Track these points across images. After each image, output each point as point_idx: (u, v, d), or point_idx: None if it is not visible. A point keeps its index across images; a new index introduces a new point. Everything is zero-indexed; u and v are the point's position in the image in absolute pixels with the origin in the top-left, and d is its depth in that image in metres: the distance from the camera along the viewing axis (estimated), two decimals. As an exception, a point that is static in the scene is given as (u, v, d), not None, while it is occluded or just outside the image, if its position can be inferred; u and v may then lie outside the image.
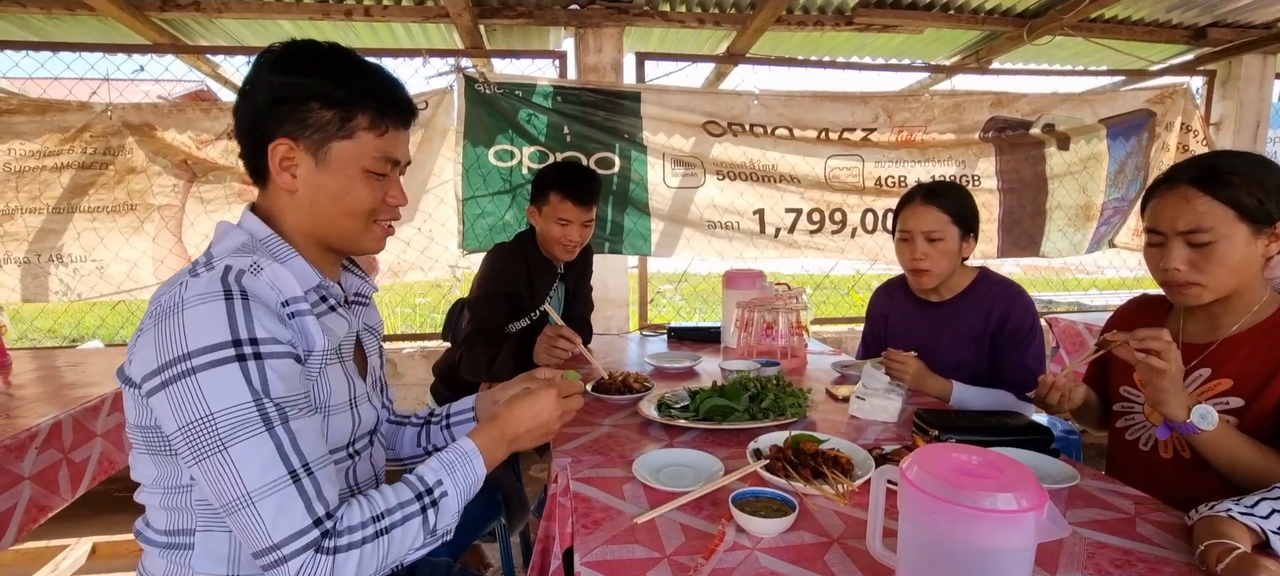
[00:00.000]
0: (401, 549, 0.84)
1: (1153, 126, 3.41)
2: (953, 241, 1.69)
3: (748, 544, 0.92)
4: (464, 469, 0.92)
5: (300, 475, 0.77)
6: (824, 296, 6.11)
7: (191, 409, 0.75)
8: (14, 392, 1.84)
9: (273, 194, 0.92)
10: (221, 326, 0.76)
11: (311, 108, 0.87)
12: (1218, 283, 1.14)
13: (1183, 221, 1.14)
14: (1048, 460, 1.16)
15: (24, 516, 1.45)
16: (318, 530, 0.77)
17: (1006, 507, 0.68)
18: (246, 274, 0.80)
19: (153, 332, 0.78)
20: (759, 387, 1.49)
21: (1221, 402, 1.16)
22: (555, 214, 1.98)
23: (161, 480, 0.88)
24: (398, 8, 2.89)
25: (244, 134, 0.91)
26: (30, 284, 2.85)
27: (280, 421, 0.77)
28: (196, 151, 2.85)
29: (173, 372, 0.75)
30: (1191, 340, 1.25)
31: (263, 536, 0.75)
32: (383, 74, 0.92)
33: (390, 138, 0.92)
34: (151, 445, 0.87)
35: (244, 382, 0.76)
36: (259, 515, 0.75)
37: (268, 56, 0.88)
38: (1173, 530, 0.96)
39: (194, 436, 0.75)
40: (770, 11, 2.76)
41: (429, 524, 0.86)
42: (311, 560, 0.76)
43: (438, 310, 6.80)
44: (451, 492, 0.89)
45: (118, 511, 2.79)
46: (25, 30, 3.03)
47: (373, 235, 0.97)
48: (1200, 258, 1.14)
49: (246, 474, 0.74)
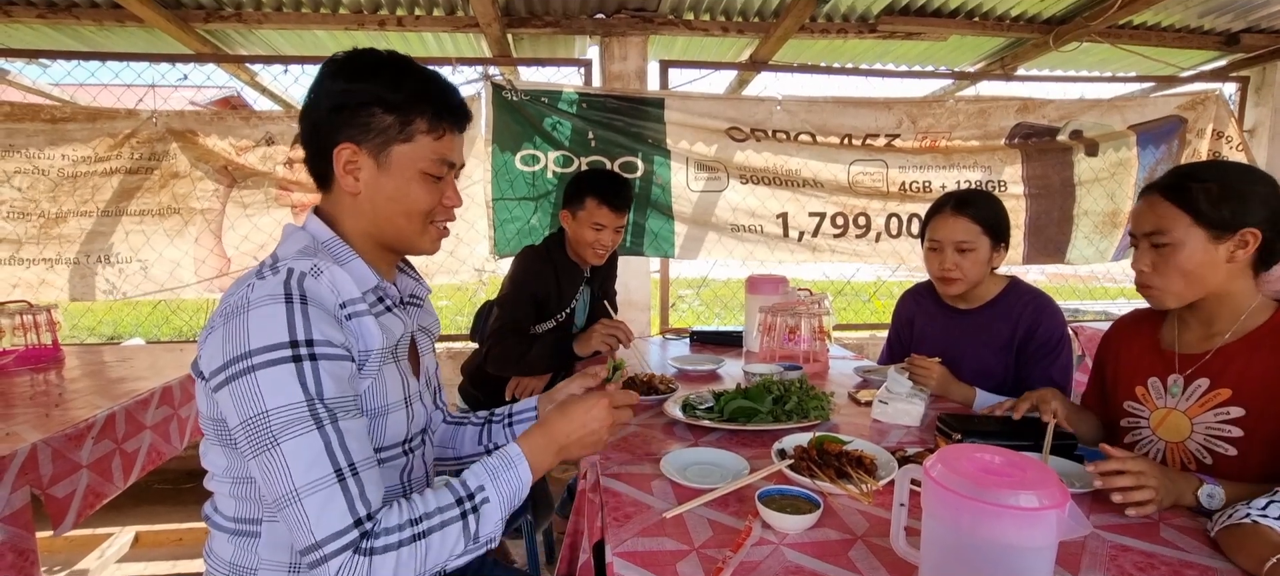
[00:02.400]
0: (441, 554, 0.83)
1: (1183, 133, 3.36)
2: (983, 251, 1.68)
3: (773, 539, 0.95)
4: (508, 475, 0.90)
5: (345, 474, 0.80)
6: (845, 302, 6.09)
7: (250, 405, 0.79)
8: (67, 386, 1.93)
9: (336, 197, 0.97)
10: (281, 328, 0.80)
11: (373, 112, 0.91)
12: (1172, 286, 1.18)
13: (1146, 224, 1.21)
14: (1071, 464, 1.17)
15: (82, 502, 1.53)
16: (357, 530, 0.78)
17: (1028, 504, 0.71)
18: (307, 277, 0.85)
19: (221, 331, 0.83)
20: (782, 390, 1.52)
21: (1222, 412, 1.17)
22: (591, 218, 2.03)
23: (230, 470, 0.93)
24: (429, 18, 2.97)
25: (309, 141, 0.95)
26: (78, 283, 2.98)
27: (330, 421, 0.80)
28: (236, 157, 2.96)
29: (236, 370, 0.80)
30: (1187, 350, 1.25)
31: (307, 533, 0.78)
32: (439, 80, 0.96)
33: (446, 141, 0.96)
34: (221, 437, 0.92)
35: (298, 383, 0.79)
36: (304, 511, 0.77)
37: (330, 66, 0.93)
38: (1196, 534, 0.97)
39: (251, 432, 0.79)
40: (793, 19, 2.79)
41: (470, 530, 0.85)
42: (350, 561, 0.77)
43: (461, 313, 6.90)
44: (494, 499, 0.88)
45: (159, 502, 2.90)
46: (78, 41, 3.18)
47: (429, 236, 1.01)
48: (1160, 260, 1.19)
49: (295, 469, 0.78)
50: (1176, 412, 1.23)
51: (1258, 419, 1.13)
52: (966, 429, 1.25)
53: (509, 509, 0.90)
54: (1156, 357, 1.29)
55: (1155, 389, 1.28)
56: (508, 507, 0.89)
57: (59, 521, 1.46)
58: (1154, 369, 1.29)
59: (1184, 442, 1.22)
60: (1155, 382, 1.28)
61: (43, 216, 2.89)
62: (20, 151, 2.84)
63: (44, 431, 1.47)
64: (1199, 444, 1.20)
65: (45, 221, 2.90)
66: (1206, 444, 1.19)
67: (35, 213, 2.88)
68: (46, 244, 2.92)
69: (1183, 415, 1.22)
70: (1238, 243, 1.14)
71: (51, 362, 2.20)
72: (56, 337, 2.27)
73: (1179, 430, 1.22)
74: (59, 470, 1.46)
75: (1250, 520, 0.88)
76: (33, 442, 1.40)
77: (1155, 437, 1.27)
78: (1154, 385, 1.28)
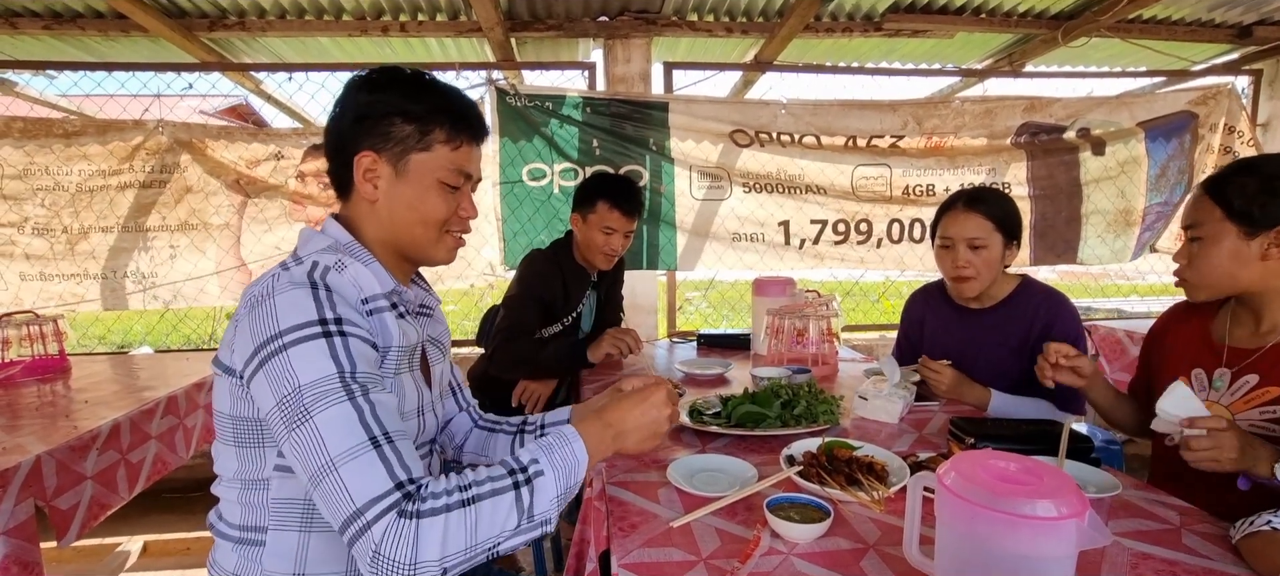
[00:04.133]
0: (492, 525, 0.79)
1: (1195, 128, 3.31)
2: (996, 248, 1.66)
3: (783, 549, 0.93)
4: (563, 451, 0.86)
5: (381, 442, 0.78)
6: (853, 304, 6.05)
7: (284, 383, 0.79)
8: (75, 396, 1.94)
9: (354, 204, 0.99)
10: (309, 308, 0.83)
11: (393, 121, 0.94)
12: (1203, 279, 1.18)
13: (1185, 217, 1.22)
14: (1088, 469, 1.14)
15: (86, 513, 1.53)
16: (399, 492, 0.76)
17: (1046, 514, 0.68)
18: (331, 271, 0.88)
19: (248, 321, 0.84)
20: (791, 394, 1.50)
21: (1269, 410, 1.14)
22: (601, 222, 2.02)
23: (242, 472, 0.92)
24: (433, 23, 2.97)
25: (332, 150, 0.98)
26: (109, 297, 2.98)
27: (361, 393, 0.80)
28: (247, 171, 2.97)
29: (267, 351, 0.81)
30: (1237, 344, 1.23)
31: (346, 503, 0.75)
32: (458, 94, 0.99)
33: (464, 152, 0.98)
34: (241, 436, 0.91)
35: (329, 356, 0.81)
36: (341, 481, 0.75)
37: (355, 80, 0.97)
38: (1219, 541, 0.94)
39: (286, 409, 0.79)
40: (798, 19, 2.77)
41: (523, 503, 0.81)
42: (395, 524, 0.74)
43: (468, 318, 6.90)
44: (549, 473, 0.83)
45: (167, 511, 2.90)
46: (84, 51, 3.20)
47: (444, 245, 1.02)
48: (1195, 253, 1.19)
49: (330, 440, 0.77)
50: (1218, 406, 1.21)
51: None
52: (980, 433, 1.22)
53: (565, 487, 0.85)
54: (1205, 349, 1.28)
55: (1198, 380, 1.26)
56: (564, 484, 0.85)
57: (63, 533, 1.45)
58: (1200, 359, 1.27)
59: None
60: (1199, 374, 1.27)
61: (67, 232, 2.91)
62: (40, 166, 2.86)
63: (48, 443, 1.46)
64: None
65: (70, 237, 2.92)
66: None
67: (58, 227, 2.90)
68: (75, 259, 2.93)
69: (1226, 410, 1.20)
70: (1272, 239, 1.12)
71: (58, 373, 2.21)
72: (63, 347, 2.27)
73: None
74: (63, 481, 1.45)
75: (1270, 527, 0.85)
76: (37, 454, 1.39)
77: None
78: (1197, 376, 1.27)
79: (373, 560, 0.74)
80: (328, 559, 0.94)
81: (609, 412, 0.94)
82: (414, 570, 0.74)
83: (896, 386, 1.53)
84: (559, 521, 2.31)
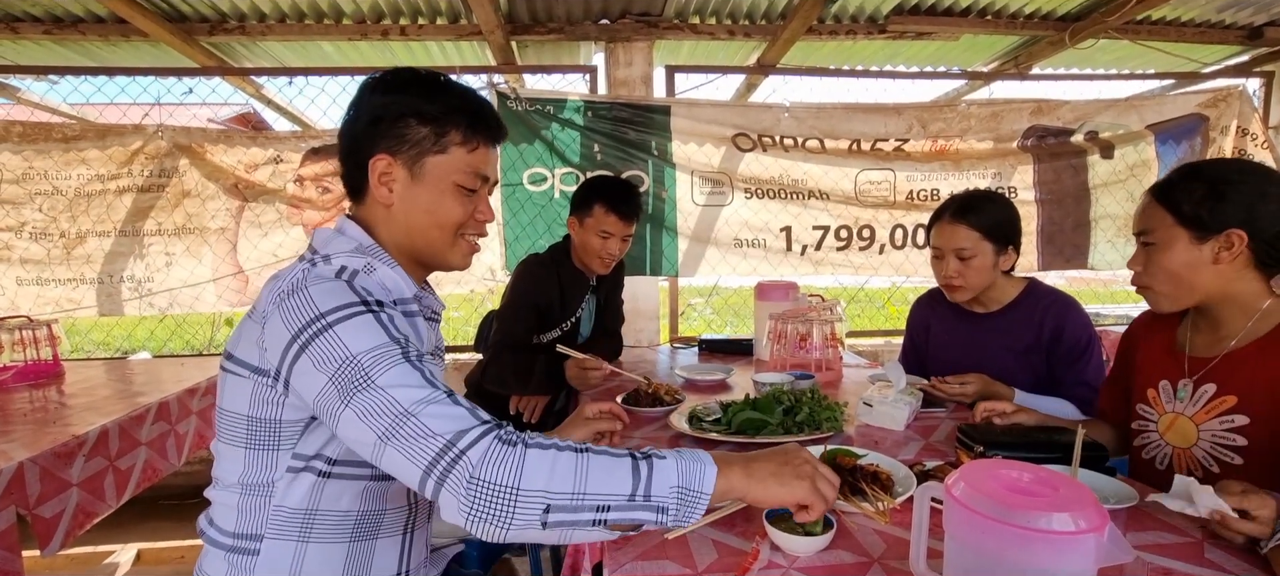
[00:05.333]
0: (604, 481, 0.74)
1: (1206, 131, 3.26)
2: (985, 256, 1.64)
3: (783, 563, 0.89)
4: (691, 454, 0.82)
5: (454, 396, 0.77)
6: (859, 309, 6.00)
7: (335, 357, 0.77)
8: (66, 401, 1.91)
9: (368, 209, 0.97)
10: (348, 293, 0.83)
11: (408, 123, 0.93)
12: (1161, 287, 1.17)
13: (1136, 223, 1.21)
14: (1103, 479, 1.10)
15: (71, 521, 1.49)
16: (491, 424, 0.74)
17: (1063, 528, 0.64)
18: (360, 274, 0.87)
19: (278, 312, 0.82)
20: (793, 401, 1.45)
21: (1227, 420, 1.12)
22: (598, 226, 1.99)
23: (245, 476, 0.89)
24: (433, 27, 2.95)
25: (347, 154, 0.97)
26: (105, 302, 2.96)
27: (417, 359, 0.79)
28: (245, 175, 2.95)
29: (310, 332, 0.79)
30: (1197, 353, 1.20)
31: (432, 440, 0.71)
32: (474, 95, 0.97)
33: (480, 154, 0.97)
34: (254, 437, 0.88)
35: (380, 327, 0.80)
36: (422, 423, 0.72)
37: (369, 82, 0.96)
38: (1245, 553, 0.89)
39: (342, 381, 0.76)
40: (801, 21, 2.73)
41: (640, 474, 0.76)
42: (497, 448, 0.71)
43: (469, 323, 6.88)
44: (671, 459, 0.79)
45: (163, 518, 2.87)
46: (85, 56, 3.20)
47: (460, 249, 1.01)
48: (1148, 259, 1.18)
49: (400, 394, 0.75)
50: (1183, 418, 1.19)
51: (1262, 427, 1.07)
52: (989, 441, 1.18)
53: (686, 482, 0.78)
54: (1170, 360, 1.25)
55: (1165, 392, 1.24)
56: (685, 478, 0.78)
57: (46, 542, 1.42)
58: (1166, 371, 1.25)
59: (1191, 449, 1.17)
60: (1166, 386, 1.24)
61: (64, 236, 2.89)
62: (38, 171, 2.85)
63: (33, 449, 1.43)
64: (1205, 452, 1.15)
65: (67, 241, 2.90)
66: (1212, 452, 1.14)
67: (56, 232, 2.88)
68: (71, 264, 2.91)
69: (1189, 421, 1.18)
70: (1222, 243, 1.10)
71: (51, 378, 2.18)
72: (57, 353, 2.25)
73: (1186, 436, 1.18)
74: (47, 489, 1.42)
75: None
76: (19, 461, 1.36)
77: (1163, 442, 1.23)
78: (1164, 388, 1.24)
79: (469, 487, 0.69)
80: (323, 573, 0.91)
81: (749, 459, 0.86)
82: (516, 495, 0.70)
83: (902, 392, 1.48)
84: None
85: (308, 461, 0.90)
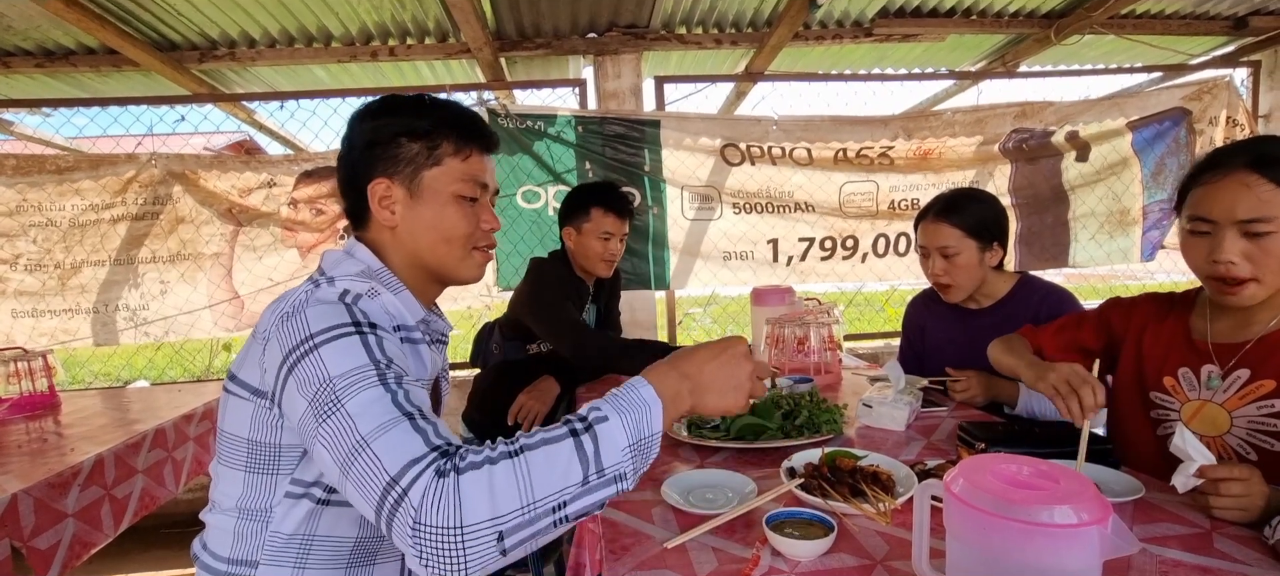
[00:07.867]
0: (550, 479, 0.67)
1: (1190, 123, 3.27)
2: (970, 254, 1.66)
3: (784, 567, 0.87)
4: (628, 397, 0.74)
5: (416, 417, 0.72)
6: (857, 312, 5.98)
7: (315, 380, 0.76)
8: (62, 431, 1.89)
9: (373, 233, 0.98)
10: (343, 315, 0.82)
11: (401, 143, 0.94)
12: (1274, 279, 1.05)
13: (1242, 209, 1.03)
14: (1108, 471, 1.08)
15: (68, 553, 1.47)
16: (436, 453, 0.68)
17: (1065, 521, 0.63)
18: (363, 298, 0.87)
19: (277, 334, 0.82)
20: (792, 404, 1.44)
21: (1266, 405, 1.09)
22: (598, 228, 1.99)
23: (243, 500, 0.89)
24: (421, 46, 2.97)
25: (346, 184, 0.98)
26: (100, 332, 2.95)
27: (395, 381, 0.76)
28: (240, 199, 2.94)
29: (298, 354, 0.79)
30: (1221, 340, 1.17)
31: (379, 476, 0.67)
32: (460, 106, 0.99)
33: (474, 161, 0.98)
34: (254, 461, 0.88)
35: (363, 350, 0.78)
36: (374, 455, 0.68)
37: (358, 111, 0.98)
38: (1253, 543, 0.88)
39: (317, 406, 0.74)
40: (786, 27, 2.75)
41: (586, 451, 0.69)
42: (433, 485, 0.65)
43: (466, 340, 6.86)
44: (613, 417, 0.72)
45: (164, 546, 2.84)
46: (78, 88, 3.21)
47: (472, 261, 1.01)
48: (1257, 250, 1.04)
49: (361, 420, 0.71)
50: (1212, 405, 1.16)
51: None
52: (990, 436, 1.17)
53: (637, 434, 0.72)
54: (1187, 347, 1.22)
55: (1187, 381, 1.21)
56: (634, 431, 0.72)
57: (43, 574, 1.40)
58: (1186, 360, 1.22)
59: (1222, 437, 1.15)
60: (1186, 374, 1.21)
61: (59, 267, 2.89)
62: (32, 203, 2.84)
63: (27, 480, 1.42)
64: (1241, 438, 1.13)
65: (62, 272, 2.89)
66: (1249, 438, 1.12)
67: (50, 263, 2.88)
68: (66, 295, 2.91)
69: (1220, 408, 1.15)
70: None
71: (48, 409, 2.16)
72: (52, 383, 2.23)
73: (1216, 423, 1.15)
74: (42, 520, 1.41)
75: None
76: (13, 493, 1.34)
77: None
78: (1185, 376, 1.22)
79: (414, 534, 0.64)
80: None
81: (683, 362, 0.80)
82: (461, 536, 0.63)
83: (902, 392, 1.48)
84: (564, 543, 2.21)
85: (307, 488, 0.89)
